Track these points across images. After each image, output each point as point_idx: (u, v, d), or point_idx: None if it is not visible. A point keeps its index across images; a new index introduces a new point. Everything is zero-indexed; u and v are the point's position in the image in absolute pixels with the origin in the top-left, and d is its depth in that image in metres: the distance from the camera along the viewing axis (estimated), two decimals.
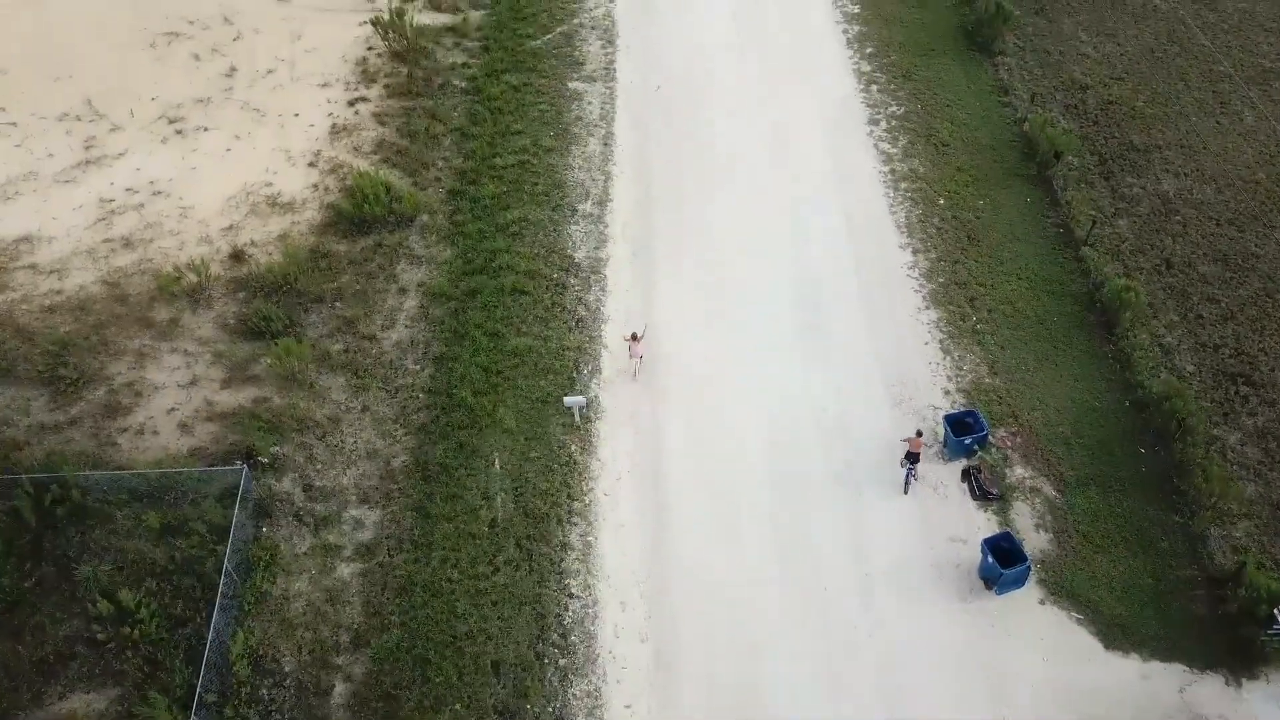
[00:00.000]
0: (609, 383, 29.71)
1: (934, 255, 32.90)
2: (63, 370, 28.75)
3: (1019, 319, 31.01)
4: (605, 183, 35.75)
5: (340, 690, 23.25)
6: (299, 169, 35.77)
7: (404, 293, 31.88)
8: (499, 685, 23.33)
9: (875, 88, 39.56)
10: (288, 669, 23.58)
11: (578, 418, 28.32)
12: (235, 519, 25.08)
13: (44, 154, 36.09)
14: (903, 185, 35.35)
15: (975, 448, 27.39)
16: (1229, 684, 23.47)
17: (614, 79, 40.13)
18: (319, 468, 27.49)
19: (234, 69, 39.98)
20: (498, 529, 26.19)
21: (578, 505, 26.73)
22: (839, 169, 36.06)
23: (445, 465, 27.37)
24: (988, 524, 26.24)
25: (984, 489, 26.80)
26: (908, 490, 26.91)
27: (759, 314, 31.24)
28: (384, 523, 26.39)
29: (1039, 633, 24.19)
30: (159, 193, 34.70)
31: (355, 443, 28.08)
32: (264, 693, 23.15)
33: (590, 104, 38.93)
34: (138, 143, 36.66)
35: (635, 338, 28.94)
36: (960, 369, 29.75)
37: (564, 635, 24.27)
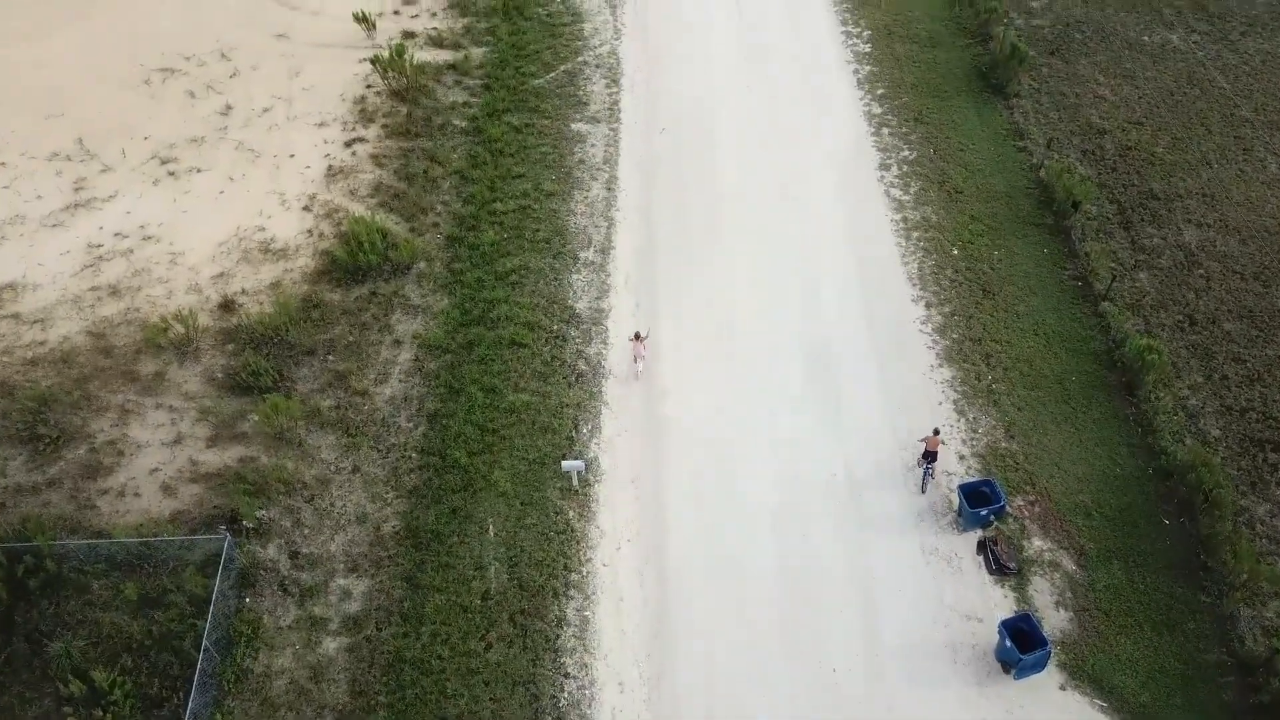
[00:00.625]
0: (609, 442, 28.59)
1: (947, 309, 31.75)
2: (42, 428, 27.71)
3: (1036, 378, 29.83)
4: (608, 229, 34.70)
5: None
6: (293, 213, 34.79)
7: (399, 345, 30.82)
8: None
9: (886, 130, 38.50)
10: None
11: (576, 482, 27.18)
12: (216, 590, 23.98)
13: (33, 196, 35.21)
14: (915, 234, 34.24)
15: (992, 518, 26.19)
16: None
17: (618, 120, 39.13)
18: (306, 533, 26.38)
19: (229, 107, 39.10)
20: (491, 601, 25.03)
21: (575, 577, 25.55)
22: (849, 217, 34.96)
23: (437, 532, 26.24)
24: (1005, 600, 25.02)
25: (1001, 562, 25.58)
26: (925, 490, 26.78)
27: (766, 372, 30.10)
28: (372, 593, 25.24)
29: None
30: (149, 237, 33.74)
31: (344, 506, 26.97)
32: None
33: (594, 146, 37.93)
34: (129, 184, 35.76)
35: (639, 338, 28.96)
36: (975, 431, 28.56)
37: (559, 718, 23.05)
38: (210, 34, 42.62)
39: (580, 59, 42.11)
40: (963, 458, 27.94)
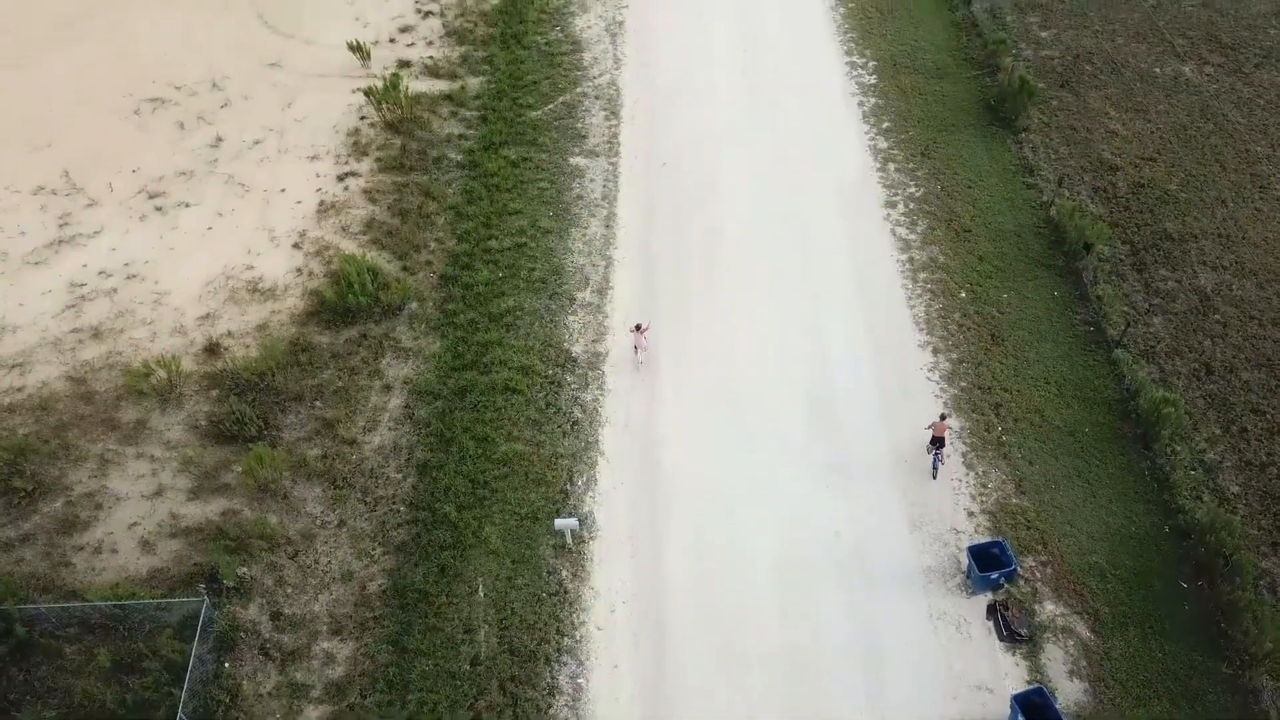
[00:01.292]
0: (606, 496, 27.58)
1: (955, 356, 30.72)
2: (18, 480, 26.76)
3: (1048, 429, 28.79)
4: (606, 269, 33.73)
5: None
6: (283, 250, 33.85)
7: (388, 390, 29.85)
8: None
9: (893, 166, 37.52)
10: None
11: (569, 541, 26.16)
12: (193, 655, 23.01)
13: (15, 231, 34.31)
14: (921, 276, 33.23)
15: (1002, 582, 25.14)
16: None
17: (617, 154, 38.17)
18: (289, 592, 25.38)
19: (220, 139, 38.19)
20: (480, 667, 24.00)
21: (568, 642, 24.51)
22: (854, 257, 33.94)
23: (425, 591, 25.23)
24: (1016, 669, 23.95)
25: (1012, 629, 24.51)
26: (936, 475, 26.91)
27: (768, 423, 29.04)
28: (357, 657, 24.23)
29: None
30: (133, 276, 32.82)
31: (329, 563, 25.98)
32: None
33: (592, 181, 36.98)
34: (114, 219, 34.86)
35: (640, 329, 29.57)
36: (985, 486, 27.52)
37: None
38: (202, 62, 41.75)
39: (579, 90, 41.18)
40: (972, 514, 26.89)
